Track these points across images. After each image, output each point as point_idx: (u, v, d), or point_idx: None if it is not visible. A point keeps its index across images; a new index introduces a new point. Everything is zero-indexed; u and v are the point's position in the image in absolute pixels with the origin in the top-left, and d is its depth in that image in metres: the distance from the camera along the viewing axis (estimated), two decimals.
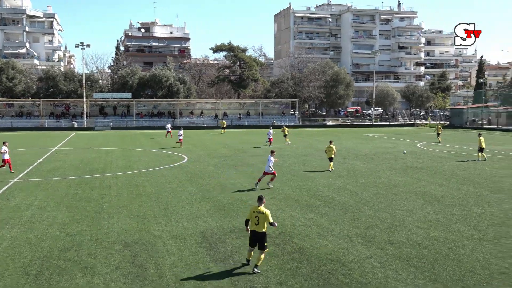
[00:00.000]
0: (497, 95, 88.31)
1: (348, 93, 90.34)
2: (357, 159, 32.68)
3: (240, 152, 37.13)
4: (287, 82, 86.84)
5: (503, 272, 11.03)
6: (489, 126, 75.64)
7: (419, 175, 25.54)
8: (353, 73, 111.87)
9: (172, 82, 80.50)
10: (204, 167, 28.63)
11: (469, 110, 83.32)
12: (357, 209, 17.39)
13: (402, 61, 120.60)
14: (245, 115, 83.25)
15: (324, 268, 11.30)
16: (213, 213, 16.64)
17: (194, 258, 11.96)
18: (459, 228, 14.79)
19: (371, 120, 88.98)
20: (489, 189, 21.28)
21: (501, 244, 13.13)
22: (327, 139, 48.76)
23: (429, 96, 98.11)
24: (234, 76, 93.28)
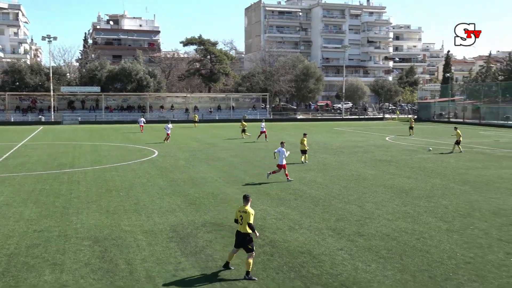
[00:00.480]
0: (463, 90, 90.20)
1: (319, 87, 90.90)
2: (327, 152, 32.97)
3: (211, 146, 37.02)
4: (258, 76, 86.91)
5: (468, 262, 11.31)
6: (455, 119, 77.22)
7: (388, 168, 25.92)
8: (323, 67, 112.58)
9: (142, 75, 79.54)
10: (175, 161, 28.45)
11: (436, 104, 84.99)
12: (327, 202, 17.55)
13: (371, 55, 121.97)
14: (216, 109, 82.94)
15: (295, 260, 11.39)
16: (184, 208, 16.56)
17: (165, 253, 11.89)
18: (426, 219, 15.09)
19: (341, 114, 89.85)
20: (455, 181, 21.76)
21: (467, 235, 13.45)
22: (298, 133, 48.99)
23: (397, 90, 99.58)
24: (204, 70, 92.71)
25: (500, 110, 69.58)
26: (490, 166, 26.61)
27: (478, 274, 10.59)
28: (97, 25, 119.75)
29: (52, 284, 10.05)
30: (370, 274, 10.60)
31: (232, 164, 27.30)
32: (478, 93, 78.88)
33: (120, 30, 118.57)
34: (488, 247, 12.39)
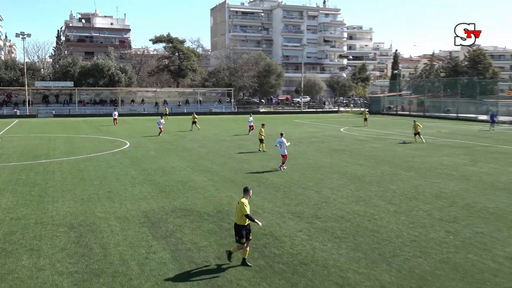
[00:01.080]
0: (409, 85, 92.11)
1: (279, 83, 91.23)
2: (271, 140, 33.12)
3: (179, 138, 36.72)
4: (223, 72, 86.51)
5: (413, 240, 11.66)
6: (402, 112, 78.86)
7: (342, 156, 26.32)
8: (284, 64, 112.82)
9: (113, 71, 77.97)
10: (146, 152, 28.12)
11: (385, 98, 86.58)
12: (287, 188, 17.72)
13: (327, 53, 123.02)
14: (184, 103, 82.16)
15: (258, 242, 11.48)
16: (154, 195, 16.42)
17: (137, 237, 11.79)
18: (376, 203, 15.44)
19: (300, 107, 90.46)
20: (402, 168, 22.29)
21: (412, 216, 13.84)
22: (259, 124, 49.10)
23: (351, 85, 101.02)
24: (173, 66, 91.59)
25: (442, 103, 71.47)
26: (433, 154, 27.37)
27: (422, 250, 10.93)
28: (69, 23, 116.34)
29: (30, 268, 9.84)
30: (326, 252, 10.79)
31: (199, 154, 27.19)
32: (422, 88, 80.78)
33: (92, 28, 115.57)
34: (431, 226, 12.79)
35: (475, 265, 10.10)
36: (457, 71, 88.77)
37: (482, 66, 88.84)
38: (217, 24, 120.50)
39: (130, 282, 9.19)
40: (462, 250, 10.98)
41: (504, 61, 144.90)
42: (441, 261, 10.32)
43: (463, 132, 42.44)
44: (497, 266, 10.02)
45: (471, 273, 9.68)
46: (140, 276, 9.44)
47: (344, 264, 10.10)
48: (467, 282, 9.26)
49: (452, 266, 10.03)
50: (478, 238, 11.84)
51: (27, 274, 9.57)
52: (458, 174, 20.73)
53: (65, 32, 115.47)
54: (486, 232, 12.32)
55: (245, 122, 56.83)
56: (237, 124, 53.03)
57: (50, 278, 9.37)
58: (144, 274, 9.56)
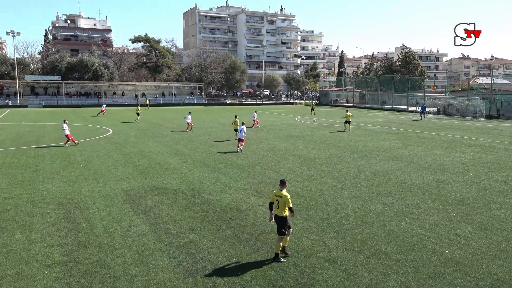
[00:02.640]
0: (353, 81, 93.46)
1: (243, 78, 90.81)
2: (250, 130, 33.15)
3: (157, 126, 36.11)
4: (195, 69, 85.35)
5: (356, 211, 11.92)
6: (347, 104, 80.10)
7: (297, 141, 26.55)
8: (247, 62, 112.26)
9: (97, 67, 75.66)
10: (127, 138, 27.53)
11: (333, 92, 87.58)
12: (251, 168, 17.75)
13: (284, 53, 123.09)
14: (160, 95, 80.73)
15: (226, 215, 11.48)
16: (135, 175, 16.13)
17: (120, 213, 11.57)
18: (326, 180, 15.68)
19: (261, 99, 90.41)
20: (347, 151, 22.69)
21: (355, 191, 14.14)
22: (228, 114, 48.91)
23: (304, 81, 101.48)
24: (150, 63, 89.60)
25: (380, 97, 72.96)
26: (372, 139, 27.97)
27: (363, 220, 11.20)
28: (56, 23, 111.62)
29: (23, 241, 9.50)
30: None
31: (174, 140, 26.84)
32: (363, 84, 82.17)
33: (77, 28, 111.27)
34: (370, 200, 13.11)
35: (406, 231, 10.43)
36: (392, 70, 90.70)
37: (412, 66, 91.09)
38: (189, 27, 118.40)
39: (114, 251, 9.02)
40: (395, 219, 11.32)
41: (430, 61, 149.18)
42: (378, 228, 10.60)
43: (397, 121, 43.48)
44: (424, 232, 10.39)
45: (403, 237, 10.00)
46: (123, 246, 9.28)
47: (299, 232, 10.24)
48: (400, 245, 9.56)
49: (387, 232, 10.33)
50: (409, 209, 12.22)
51: (21, 246, 9.24)
52: (392, 156, 21.29)
53: (52, 32, 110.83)
54: (415, 204, 12.73)
55: (214, 112, 56.43)
56: (207, 114, 52.54)
57: (41, 249, 9.08)
58: (126, 244, 9.40)
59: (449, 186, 14.98)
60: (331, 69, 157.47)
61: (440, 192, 14.12)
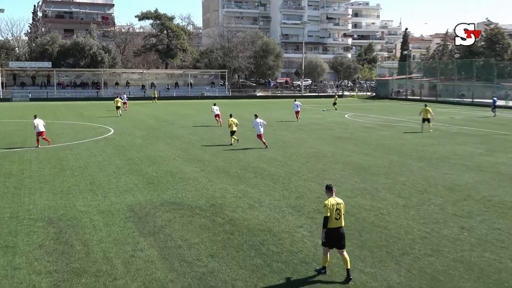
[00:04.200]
0: (420, 67, 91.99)
1: (278, 64, 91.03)
2: (286, 130, 33.16)
3: (168, 124, 36.62)
4: (216, 52, 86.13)
5: (424, 237, 11.66)
6: (412, 97, 78.85)
7: (347, 145, 26.31)
8: (283, 43, 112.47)
9: (95, 50, 77.62)
10: (132, 139, 28.03)
11: (394, 81, 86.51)
12: (287, 179, 17.69)
13: (330, 32, 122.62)
14: (173, 86, 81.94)
15: (255, 238, 11.46)
16: (141, 187, 16.37)
17: (122, 233, 11.75)
18: (384, 196, 15.44)
19: (300, 91, 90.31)
20: (412, 158, 22.30)
21: (423, 211, 13.85)
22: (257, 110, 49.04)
23: (356, 67, 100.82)
24: (161, 45, 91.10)
25: (456, 87, 71.54)
26: (445, 142, 27.40)
27: (433, 248, 10.94)
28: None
29: (4, 267, 9.79)
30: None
31: (190, 142, 27.12)
32: (434, 71, 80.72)
33: (71, 2, 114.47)
34: (444, 222, 12.81)
35: (491, 264, 10.12)
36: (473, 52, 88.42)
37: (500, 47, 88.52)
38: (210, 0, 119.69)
39: (115, 282, 9.16)
40: (477, 248, 11.00)
41: None
42: (454, 260, 10.33)
43: (479, 119, 42.46)
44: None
45: (487, 273, 9.71)
46: (125, 276, 9.41)
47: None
48: (482, 282, 9.28)
49: (466, 265, 10.05)
50: (495, 235, 11.86)
51: (2, 273, 9.52)
52: (473, 164, 20.75)
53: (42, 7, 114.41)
54: (504, 228, 12.34)
55: (240, 107, 56.76)
56: (232, 109, 52.83)
57: (27, 277, 9.33)
58: (130, 273, 9.53)
59: None
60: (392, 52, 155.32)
61: None
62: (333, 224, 9.31)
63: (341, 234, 9.42)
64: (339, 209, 9.38)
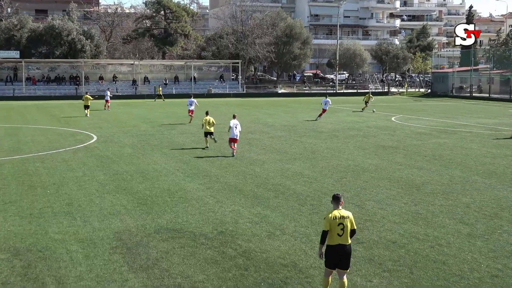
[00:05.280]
0: (489, 56, 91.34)
1: (305, 53, 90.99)
2: (316, 137, 33.10)
3: (166, 129, 36.77)
4: (227, 38, 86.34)
5: (495, 275, 11.52)
6: (479, 94, 78.33)
7: (394, 156, 26.15)
8: (312, 26, 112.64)
9: (74, 36, 78.32)
10: (119, 148, 28.19)
11: (455, 74, 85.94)
12: (317, 200, 17.62)
13: (373, 12, 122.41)
14: (172, 81, 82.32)
15: (276, 276, 11.42)
16: (131, 209, 16.43)
17: (107, 268, 11.79)
18: (442, 222, 15.30)
19: (334, 87, 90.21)
20: (478, 173, 22.07)
21: (493, 241, 13.69)
22: (279, 111, 49.05)
23: (406, 56, 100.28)
24: (157, 29, 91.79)
25: None
26: None
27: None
28: None
29: None
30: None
31: (193, 152, 27.16)
32: (508, 61, 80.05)
33: None
34: None
35: None
36: None
37: None
38: None
39: None
40: None
41: None
42: None
43: None
44: None
45: None
46: None
47: None
48: None
49: None
50: None
51: None
52: None
53: None
54: None
55: (257, 108, 56.79)
56: (247, 110, 52.97)
57: None
58: None
59: None
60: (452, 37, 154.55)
61: None
62: (334, 240, 9.87)
63: (344, 252, 9.96)
64: (343, 223, 9.86)
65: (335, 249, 9.90)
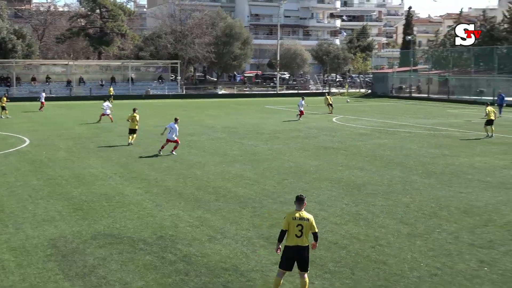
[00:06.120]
0: (427, 57, 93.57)
1: (246, 53, 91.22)
2: (257, 138, 33.24)
3: (103, 132, 36.32)
4: (166, 38, 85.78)
5: (434, 274, 11.82)
6: (418, 94, 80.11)
7: (335, 157, 26.50)
8: (252, 26, 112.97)
9: (5, 35, 76.54)
10: (54, 152, 27.69)
11: (394, 74, 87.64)
12: (258, 202, 17.72)
13: (314, 12, 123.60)
14: (109, 82, 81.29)
15: (217, 280, 11.44)
16: (66, 215, 16.18)
17: (41, 276, 11.59)
18: (383, 222, 15.60)
19: (275, 87, 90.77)
20: (418, 173, 22.58)
21: (432, 240, 14.04)
22: (219, 112, 49.09)
23: (346, 57, 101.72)
24: (92, 28, 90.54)
25: (473, 82, 72.86)
26: (461, 153, 27.86)
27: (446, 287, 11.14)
28: None
29: None
30: None
31: (131, 155, 26.93)
32: (446, 61, 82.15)
33: None
34: (458, 254, 13.00)
35: None
36: (494, 37, 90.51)
37: None
38: None
39: None
40: (501, 286, 11.22)
41: None
42: None
43: (503, 123, 43.29)
44: None
45: None
46: None
47: None
48: None
49: None
50: None
51: None
52: (495, 180, 21.15)
53: None
54: None
55: (197, 109, 56.65)
56: (186, 112, 52.73)
57: None
58: None
59: None
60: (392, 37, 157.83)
61: None
62: (293, 241, 10.04)
63: (301, 254, 10.14)
64: (301, 225, 10.03)
65: (292, 249, 10.08)
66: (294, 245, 10.02)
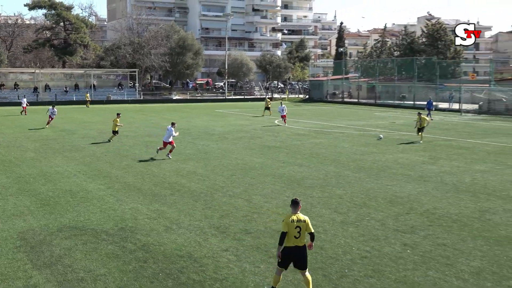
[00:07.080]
0: (357, 66, 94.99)
1: (197, 62, 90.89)
2: (208, 138, 33.19)
3: (67, 134, 35.63)
4: (125, 48, 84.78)
5: (364, 257, 12.04)
6: (349, 99, 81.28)
7: (277, 155, 26.69)
8: (203, 39, 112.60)
9: None
10: (22, 153, 27.04)
11: (329, 82, 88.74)
12: (209, 196, 17.71)
13: (258, 26, 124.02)
14: (73, 88, 79.82)
15: (173, 266, 11.39)
16: (34, 210, 15.84)
17: (11, 266, 11.32)
18: (320, 211, 15.80)
19: (224, 93, 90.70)
20: (350, 168, 22.97)
21: (363, 227, 14.30)
22: (174, 116, 48.81)
23: (287, 66, 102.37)
24: (57, 39, 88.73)
25: (396, 88, 74.41)
26: (386, 150, 28.43)
27: (374, 269, 11.33)
28: None
29: None
30: (259, 276, 10.91)
31: (94, 154, 26.52)
32: (373, 70, 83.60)
33: None
34: (385, 239, 13.29)
35: (436, 283, 10.60)
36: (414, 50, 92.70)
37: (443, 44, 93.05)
38: None
39: None
40: (421, 266, 11.50)
41: None
42: (397, 280, 10.74)
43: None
44: (462, 284, 10.59)
45: None
46: None
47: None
48: None
49: (410, 286, 10.47)
50: (440, 251, 12.44)
51: None
52: (415, 174, 21.68)
53: None
54: (449, 243, 12.97)
55: (154, 113, 56.17)
56: (144, 116, 52.28)
57: None
58: None
59: (497, 217, 15.37)
60: (326, 49, 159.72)
61: (485, 226, 14.48)
62: (291, 242, 9.74)
63: (300, 253, 9.89)
64: (299, 226, 9.74)
65: (291, 250, 9.81)
66: (293, 245, 9.80)
